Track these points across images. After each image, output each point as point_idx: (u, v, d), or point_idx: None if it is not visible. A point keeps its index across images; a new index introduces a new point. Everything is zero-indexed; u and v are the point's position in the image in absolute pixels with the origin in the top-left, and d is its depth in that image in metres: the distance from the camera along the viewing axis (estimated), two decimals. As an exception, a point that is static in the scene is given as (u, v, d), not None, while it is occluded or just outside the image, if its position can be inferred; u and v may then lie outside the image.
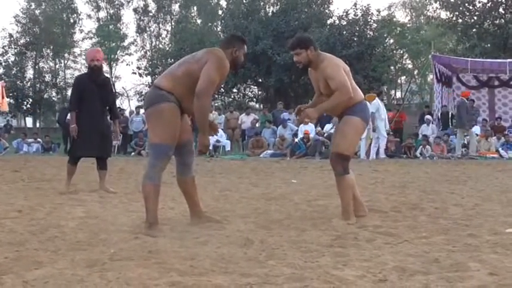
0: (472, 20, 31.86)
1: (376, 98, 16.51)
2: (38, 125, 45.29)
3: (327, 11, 34.74)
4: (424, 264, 3.53)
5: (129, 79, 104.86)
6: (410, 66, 50.71)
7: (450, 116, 20.17)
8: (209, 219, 5.19)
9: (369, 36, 32.18)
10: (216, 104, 32.11)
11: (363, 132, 5.44)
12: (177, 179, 5.24)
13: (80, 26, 49.01)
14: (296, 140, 18.54)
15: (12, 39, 41.96)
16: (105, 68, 49.21)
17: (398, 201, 6.70)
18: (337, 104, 5.14)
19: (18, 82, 40.02)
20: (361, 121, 5.27)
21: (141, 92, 44.49)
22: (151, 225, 4.75)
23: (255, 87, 36.29)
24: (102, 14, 50.25)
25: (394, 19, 44.81)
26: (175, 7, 50.41)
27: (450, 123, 20.03)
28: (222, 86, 27.26)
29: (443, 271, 3.37)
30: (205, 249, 4.00)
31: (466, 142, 17.64)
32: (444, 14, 34.06)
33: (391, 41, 43.96)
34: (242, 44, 5.13)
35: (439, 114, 20.43)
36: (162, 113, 4.78)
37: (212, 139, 15.80)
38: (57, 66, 48.39)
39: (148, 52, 48.26)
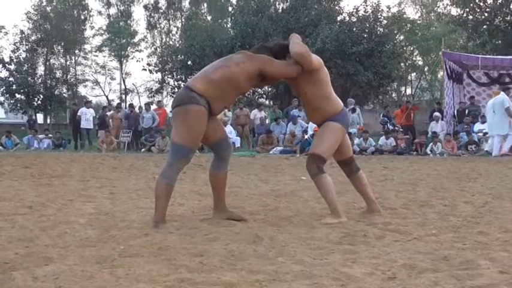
0: (483, 17, 31.77)
1: (503, 93, 16.44)
2: (48, 121, 45.48)
3: (337, 7, 34.67)
4: (433, 262, 3.52)
5: (139, 75, 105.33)
6: (420, 62, 50.54)
7: (467, 112, 20.08)
8: (231, 215, 5.20)
9: (379, 32, 32.10)
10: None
11: (342, 137, 5.34)
12: (210, 172, 5.26)
13: (91, 23, 49.36)
14: (306, 136, 18.52)
15: (23, 35, 42.14)
16: (116, 64, 49.50)
17: (408, 198, 6.69)
18: (294, 42, 5.08)
19: (29, 78, 40.18)
20: (341, 126, 5.20)
21: (151, 88, 44.62)
22: (157, 223, 4.76)
23: (265, 83, 36.27)
24: (113, 10, 50.52)
25: (404, 16, 44.64)
26: (186, 4, 50.63)
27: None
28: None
29: (452, 269, 3.36)
30: (215, 246, 4.01)
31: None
32: (455, 11, 34.07)
33: (401, 37, 43.86)
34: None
35: (455, 111, 20.35)
36: (189, 114, 4.78)
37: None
38: (68, 62, 48.62)
39: (158, 49, 48.40)
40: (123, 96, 50.74)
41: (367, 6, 32.37)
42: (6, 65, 39.79)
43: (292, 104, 22.74)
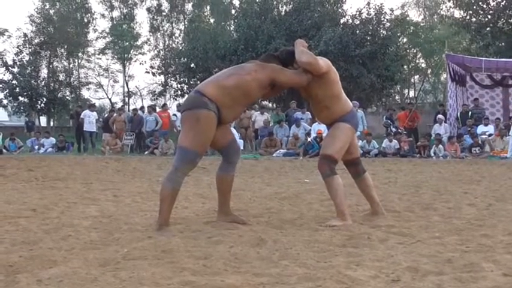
0: (486, 19, 31.71)
1: None
2: (51, 124, 45.55)
3: (340, 10, 34.64)
4: (437, 265, 3.52)
5: (142, 78, 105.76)
6: (423, 65, 50.56)
7: (470, 115, 20.02)
8: (235, 218, 5.20)
9: (382, 35, 32.09)
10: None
11: (352, 137, 5.39)
12: (217, 175, 5.28)
13: (94, 26, 49.40)
14: (309, 139, 18.51)
15: (26, 38, 42.24)
16: (119, 66, 49.59)
17: (412, 201, 6.69)
18: (300, 51, 5.11)
19: (32, 81, 40.26)
20: (350, 127, 5.27)
21: (154, 91, 44.71)
22: (160, 226, 4.76)
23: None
24: (116, 13, 50.59)
25: (408, 18, 44.67)
26: (189, 6, 50.60)
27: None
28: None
29: (456, 271, 3.36)
30: (218, 249, 4.01)
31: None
32: (458, 13, 34.00)
33: (405, 40, 43.87)
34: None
35: (458, 114, 20.32)
36: (199, 119, 4.77)
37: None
38: (71, 65, 48.74)
39: (161, 51, 48.45)
40: (126, 98, 50.84)
41: (370, 8, 32.38)
42: (10, 67, 39.86)
43: (291, 106, 22.71)
